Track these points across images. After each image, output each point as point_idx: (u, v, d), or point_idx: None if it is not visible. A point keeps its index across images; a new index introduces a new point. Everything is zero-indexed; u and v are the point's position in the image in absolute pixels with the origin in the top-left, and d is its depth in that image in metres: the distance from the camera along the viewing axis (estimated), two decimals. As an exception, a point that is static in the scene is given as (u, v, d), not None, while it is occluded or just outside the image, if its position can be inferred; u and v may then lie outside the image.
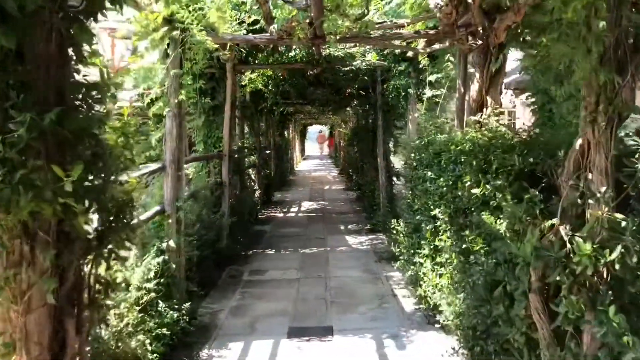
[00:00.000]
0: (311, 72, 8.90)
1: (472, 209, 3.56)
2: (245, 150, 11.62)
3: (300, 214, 13.00)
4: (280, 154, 19.85)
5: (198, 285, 6.22)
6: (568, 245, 2.52)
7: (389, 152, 11.13)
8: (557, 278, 2.51)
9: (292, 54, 8.47)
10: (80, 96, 3.17)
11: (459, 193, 3.74)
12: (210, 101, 7.70)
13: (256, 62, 8.28)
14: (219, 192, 7.77)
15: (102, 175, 3.18)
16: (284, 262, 7.97)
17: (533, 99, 6.43)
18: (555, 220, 2.59)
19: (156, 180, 5.48)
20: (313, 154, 45.88)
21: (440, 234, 4.30)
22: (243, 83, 9.36)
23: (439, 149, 4.54)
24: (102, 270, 3.25)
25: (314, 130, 44.53)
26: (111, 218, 3.22)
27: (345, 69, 7.76)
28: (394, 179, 11.73)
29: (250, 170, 12.39)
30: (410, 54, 7.17)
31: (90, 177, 3.14)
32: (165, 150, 5.05)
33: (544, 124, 6.16)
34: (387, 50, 7.45)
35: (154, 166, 4.87)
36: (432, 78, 6.70)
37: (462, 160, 3.75)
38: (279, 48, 8.27)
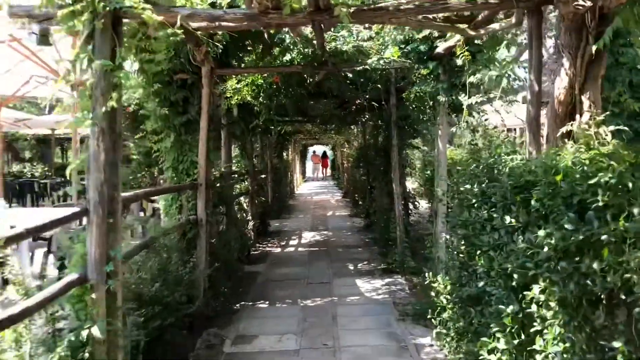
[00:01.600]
0: (311, 79, 7.19)
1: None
2: (235, 175, 9.89)
3: (300, 248, 11.15)
4: (279, 177, 18.10)
5: (158, 367, 4.45)
6: None
7: (404, 176, 9.38)
8: None
9: (287, 57, 6.78)
10: None
11: (594, 266, 1.96)
12: (182, 116, 5.95)
13: (242, 66, 6.58)
14: (193, 233, 5.97)
15: None
16: (279, 322, 6.13)
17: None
18: None
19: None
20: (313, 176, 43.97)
21: (538, 325, 2.50)
22: (228, 94, 7.64)
23: (522, 179, 2.77)
24: None
25: (317, 150, 42.78)
26: None
27: (358, 68, 6.02)
28: (411, 206, 9.97)
29: (242, 198, 10.63)
30: (441, 49, 5.45)
31: None
32: (88, 186, 3.28)
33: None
34: (410, 46, 5.72)
35: (61, 212, 3.10)
36: (474, 79, 4.95)
37: (604, 203, 1.98)
38: (272, 50, 6.58)
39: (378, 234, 10.21)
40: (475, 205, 3.30)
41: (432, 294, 4.41)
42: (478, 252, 3.19)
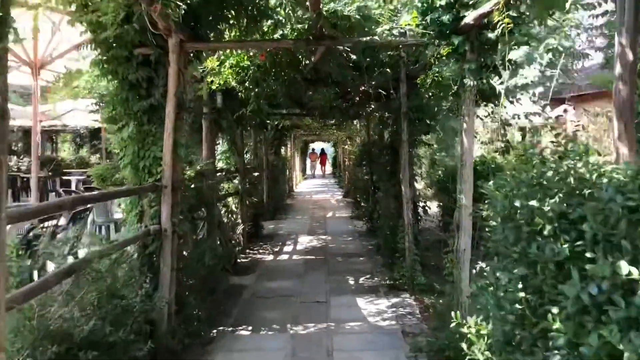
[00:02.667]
0: (307, 61, 6.01)
1: None
2: (221, 172, 8.75)
3: (295, 256, 9.98)
4: (276, 175, 16.90)
5: None
6: None
7: (414, 177, 8.21)
8: None
9: (279, 33, 5.61)
10: None
11: None
12: (144, 100, 4.78)
13: (224, 40, 5.40)
14: (155, 246, 4.81)
15: None
16: (261, 358, 4.98)
17: None
18: None
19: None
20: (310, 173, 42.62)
21: None
22: (209, 79, 6.46)
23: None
24: None
25: (316, 147, 41.61)
26: None
27: (364, 39, 4.77)
28: (420, 211, 8.79)
29: (230, 199, 9.48)
30: (470, 19, 4.26)
31: None
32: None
33: None
34: (429, 16, 4.52)
35: None
36: (515, 55, 3.77)
37: None
38: (258, 22, 5.40)
39: (382, 241, 9.03)
40: (546, 233, 2.12)
41: (464, 345, 3.22)
42: (554, 309, 2.01)
